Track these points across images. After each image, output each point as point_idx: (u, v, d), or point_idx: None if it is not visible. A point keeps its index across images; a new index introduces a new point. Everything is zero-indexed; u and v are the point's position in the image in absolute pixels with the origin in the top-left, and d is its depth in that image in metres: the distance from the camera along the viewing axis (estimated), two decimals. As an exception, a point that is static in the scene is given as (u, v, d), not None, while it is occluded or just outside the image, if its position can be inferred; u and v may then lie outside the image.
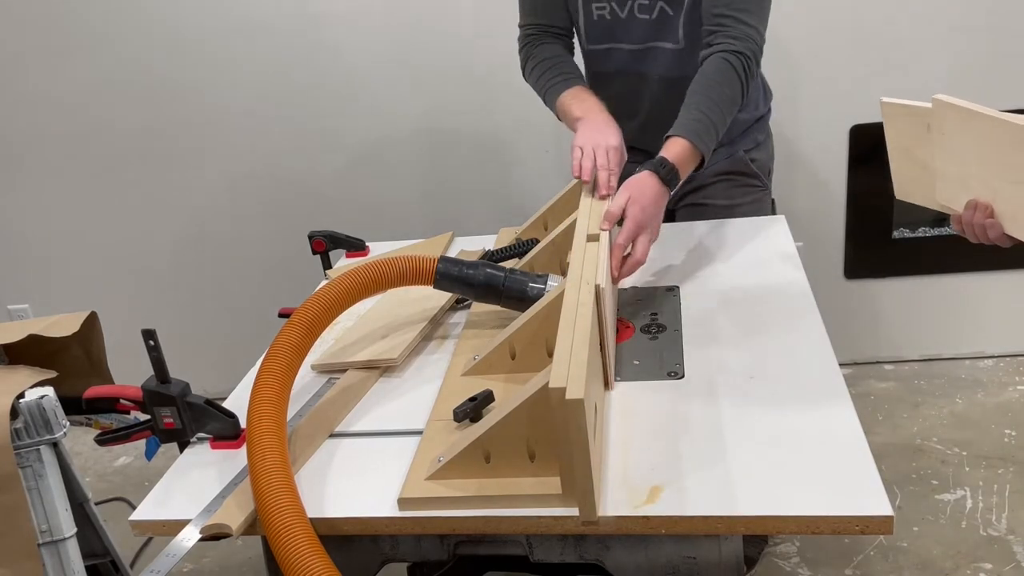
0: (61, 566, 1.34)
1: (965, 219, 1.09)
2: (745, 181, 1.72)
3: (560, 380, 0.86)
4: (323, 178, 2.60)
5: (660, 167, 1.34)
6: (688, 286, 1.40)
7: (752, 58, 1.43)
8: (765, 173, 1.75)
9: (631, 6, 1.55)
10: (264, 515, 0.95)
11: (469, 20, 2.36)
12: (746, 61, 1.42)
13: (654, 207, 1.32)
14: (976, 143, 1.02)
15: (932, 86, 2.28)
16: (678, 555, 0.97)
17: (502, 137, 2.48)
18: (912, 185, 1.18)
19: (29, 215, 2.73)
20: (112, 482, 2.56)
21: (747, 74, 1.42)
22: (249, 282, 2.74)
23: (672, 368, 1.17)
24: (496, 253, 1.54)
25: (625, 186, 1.32)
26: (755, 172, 1.72)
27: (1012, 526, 1.94)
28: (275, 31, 2.42)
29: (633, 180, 1.33)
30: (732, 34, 1.43)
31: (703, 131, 1.37)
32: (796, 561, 1.94)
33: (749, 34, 1.43)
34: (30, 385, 1.32)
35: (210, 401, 1.13)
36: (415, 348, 1.34)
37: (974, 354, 2.59)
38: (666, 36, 1.56)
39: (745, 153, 1.70)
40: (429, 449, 1.05)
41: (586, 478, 0.88)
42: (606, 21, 1.60)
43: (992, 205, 1.05)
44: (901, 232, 2.48)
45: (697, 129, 1.37)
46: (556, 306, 1.09)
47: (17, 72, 2.54)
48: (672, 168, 1.34)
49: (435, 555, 1.04)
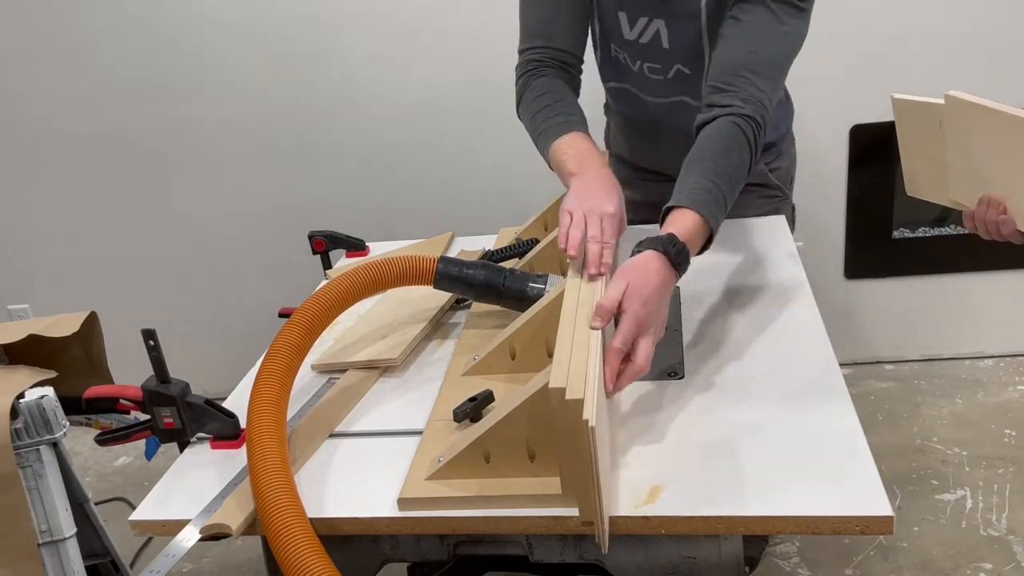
0: (61, 566, 1.34)
1: (978, 215, 1.09)
2: (765, 192, 1.64)
3: (560, 380, 0.86)
4: (323, 178, 2.60)
5: (669, 246, 1.08)
6: (688, 286, 1.40)
7: (762, 126, 1.24)
8: (787, 182, 1.67)
9: (641, 66, 1.46)
10: (264, 515, 0.95)
11: (469, 20, 2.35)
12: (756, 128, 1.23)
13: (658, 300, 1.05)
14: (989, 139, 1.02)
15: (932, 86, 2.29)
16: (678, 555, 0.97)
17: (502, 137, 2.47)
18: (923, 182, 1.18)
19: (29, 215, 2.73)
20: (112, 482, 2.56)
21: (756, 142, 1.24)
22: (249, 282, 2.74)
23: (672, 368, 1.17)
24: (496, 253, 1.53)
25: (623, 271, 1.06)
26: (775, 183, 1.64)
27: (1012, 526, 1.94)
28: (275, 32, 2.42)
29: (634, 264, 1.07)
30: (743, 96, 1.24)
31: (713, 203, 1.14)
32: (796, 561, 1.94)
33: (760, 99, 1.24)
34: (30, 385, 1.32)
35: (210, 401, 1.13)
36: (415, 348, 1.34)
37: (974, 354, 2.59)
38: (686, 92, 1.46)
39: (765, 165, 1.62)
40: (429, 449, 1.05)
41: (586, 478, 0.88)
42: (620, 63, 1.49)
43: (1005, 201, 1.05)
44: (901, 232, 2.48)
45: (707, 200, 1.14)
46: (556, 306, 1.09)
47: (18, 73, 2.54)
48: (683, 248, 1.09)
49: (435, 555, 1.04)
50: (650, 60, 1.45)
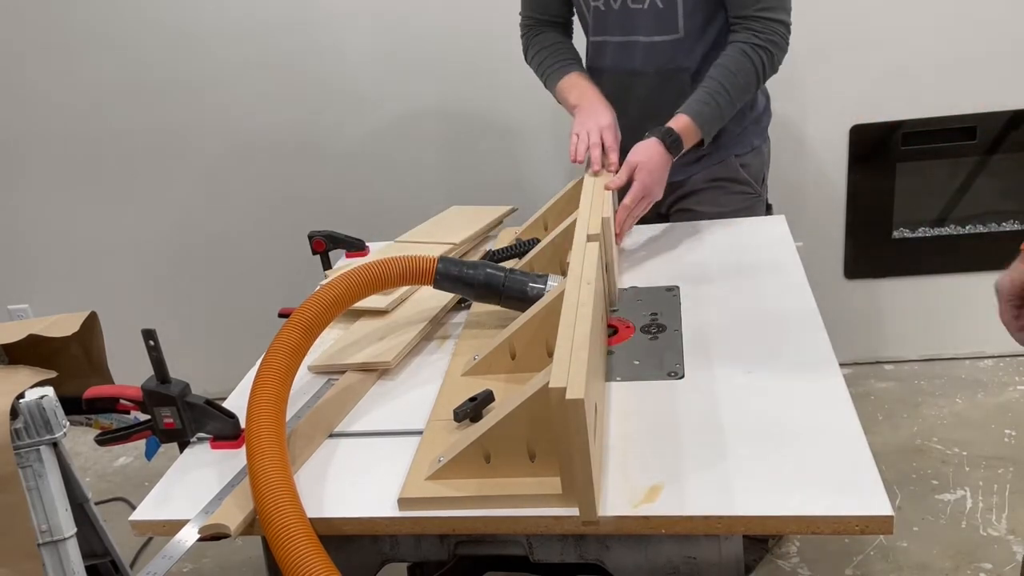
0: (61, 566, 1.34)
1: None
2: (736, 188, 1.70)
3: (560, 380, 0.86)
4: (323, 178, 2.60)
5: (666, 136, 1.45)
6: (688, 286, 1.40)
7: (772, 51, 1.50)
8: (758, 180, 1.72)
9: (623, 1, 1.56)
10: (263, 515, 0.95)
11: (471, 20, 2.35)
12: (765, 54, 1.50)
13: (660, 172, 1.45)
14: None
15: (932, 86, 2.30)
16: (678, 555, 0.97)
17: (502, 136, 2.48)
18: None
19: (29, 215, 2.73)
20: (112, 482, 2.56)
21: (764, 66, 1.50)
22: (249, 282, 2.74)
23: (672, 368, 1.17)
24: (496, 253, 1.53)
25: (634, 151, 1.45)
26: (746, 179, 1.70)
27: (1012, 526, 1.94)
28: (274, 31, 2.42)
29: (641, 146, 1.46)
30: (754, 28, 1.50)
31: (708, 115, 1.48)
32: (796, 561, 1.94)
33: (772, 27, 1.49)
34: (30, 385, 1.32)
35: (210, 401, 1.13)
36: (415, 348, 1.34)
37: (974, 354, 2.59)
38: (664, 28, 1.56)
39: (736, 159, 1.68)
40: (429, 449, 1.05)
41: (586, 478, 0.88)
42: (600, 12, 1.60)
43: None
44: (901, 232, 2.48)
45: (702, 111, 1.48)
46: (556, 306, 1.09)
47: (18, 73, 2.54)
48: (677, 138, 1.46)
49: (435, 555, 1.04)
50: None
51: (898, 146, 2.36)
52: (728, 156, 1.67)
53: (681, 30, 1.55)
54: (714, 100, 1.48)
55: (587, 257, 1.17)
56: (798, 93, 2.34)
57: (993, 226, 2.41)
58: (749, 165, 1.70)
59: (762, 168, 1.74)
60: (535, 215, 1.64)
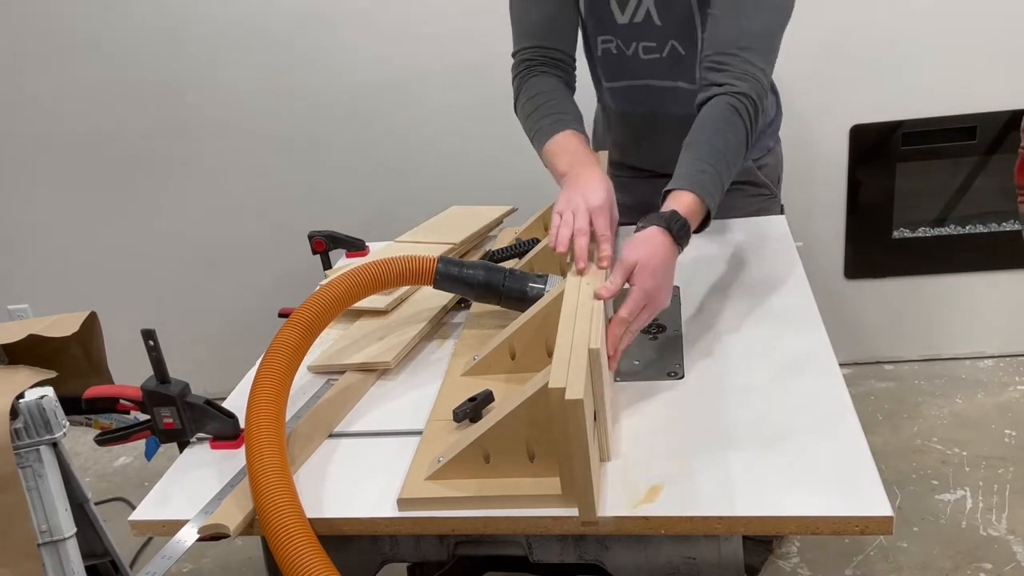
0: (61, 566, 1.34)
1: None
2: (753, 191, 1.66)
3: (560, 380, 0.86)
4: (323, 178, 2.60)
5: (672, 222, 1.12)
6: (688, 286, 1.40)
7: (757, 103, 1.26)
8: (774, 181, 1.69)
9: (636, 47, 1.47)
10: (263, 515, 0.95)
11: (470, 21, 2.35)
12: (751, 105, 1.25)
13: (665, 273, 1.10)
14: None
15: (932, 87, 2.30)
16: (678, 555, 0.97)
17: (502, 136, 2.47)
18: None
19: (29, 215, 2.73)
20: (112, 482, 2.56)
21: (752, 120, 1.26)
22: (249, 282, 2.74)
23: (672, 368, 1.17)
24: (496, 253, 1.53)
25: (630, 246, 1.10)
26: (763, 181, 1.66)
27: (1012, 526, 1.94)
28: (274, 32, 2.42)
29: (641, 239, 1.11)
30: (736, 75, 1.26)
31: (709, 184, 1.18)
32: (796, 561, 1.94)
33: (755, 75, 1.27)
34: (30, 385, 1.32)
35: (210, 401, 1.13)
36: (415, 348, 1.34)
37: (974, 354, 2.59)
38: (681, 76, 1.47)
39: (754, 162, 1.64)
40: (429, 449, 1.05)
41: (586, 478, 0.87)
42: (612, 56, 1.51)
43: None
44: (901, 232, 2.48)
45: (703, 181, 1.18)
46: (556, 306, 1.09)
47: (18, 74, 2.54)
48: (684, 223, 1.13)
49: (435, 555, 1.04)
50: (644, 39, 1.46)
51: (898, 146, 2.36)
52: (746, 160, 1.57)
53: (698, 81, 1.39)
54: (712, 167, 1.19)
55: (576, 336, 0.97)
56: (798, 93, 2.34)
57: (993, 226, 2.41)
58: (766, 166, 1.66)
59: (777, 168, 1.71)
60: (535, 215, 1.64)
